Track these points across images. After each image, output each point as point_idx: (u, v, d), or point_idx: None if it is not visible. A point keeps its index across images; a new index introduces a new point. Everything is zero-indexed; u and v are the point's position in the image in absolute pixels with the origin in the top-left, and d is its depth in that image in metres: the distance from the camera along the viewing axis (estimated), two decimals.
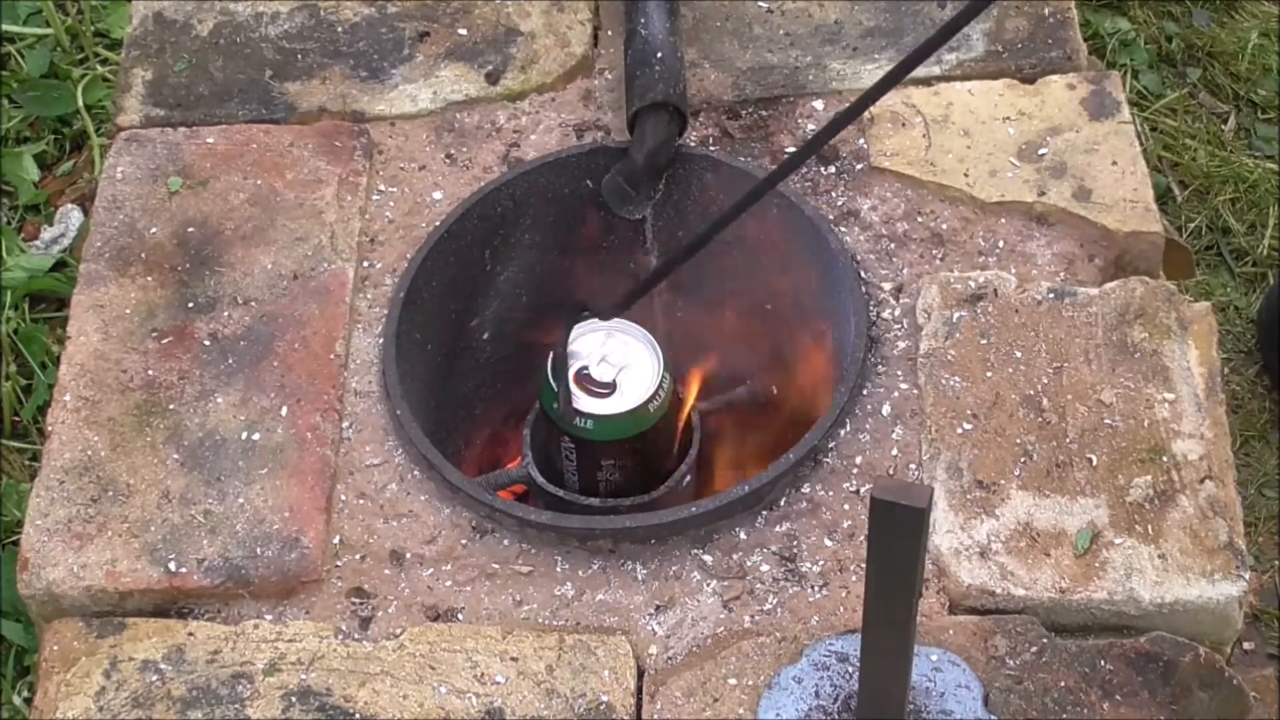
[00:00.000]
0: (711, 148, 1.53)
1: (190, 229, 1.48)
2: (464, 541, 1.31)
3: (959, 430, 1.32)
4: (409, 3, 1.64)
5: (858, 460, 1.33)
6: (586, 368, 1.37)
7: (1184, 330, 1.35)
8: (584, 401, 1.36)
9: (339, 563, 1.30)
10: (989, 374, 1.34)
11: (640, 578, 1.28)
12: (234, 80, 1.59)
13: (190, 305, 1.43)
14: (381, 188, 1.52)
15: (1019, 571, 1.24)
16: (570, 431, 1.36)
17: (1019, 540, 1.26)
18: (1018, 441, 1.31)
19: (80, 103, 2.25)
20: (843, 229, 1.46)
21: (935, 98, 1.53)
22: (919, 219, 1.46)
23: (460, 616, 1.27)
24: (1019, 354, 1.35)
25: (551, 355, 1.37)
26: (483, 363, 1.58)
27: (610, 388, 1.37)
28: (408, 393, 1.38)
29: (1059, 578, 1.23)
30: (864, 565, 1.02)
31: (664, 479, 1.43)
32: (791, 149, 1.52)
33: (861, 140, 1.51)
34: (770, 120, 1.54)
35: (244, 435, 1.35)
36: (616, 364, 1.38)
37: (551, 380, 1.35)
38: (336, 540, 1.31)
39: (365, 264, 1.47)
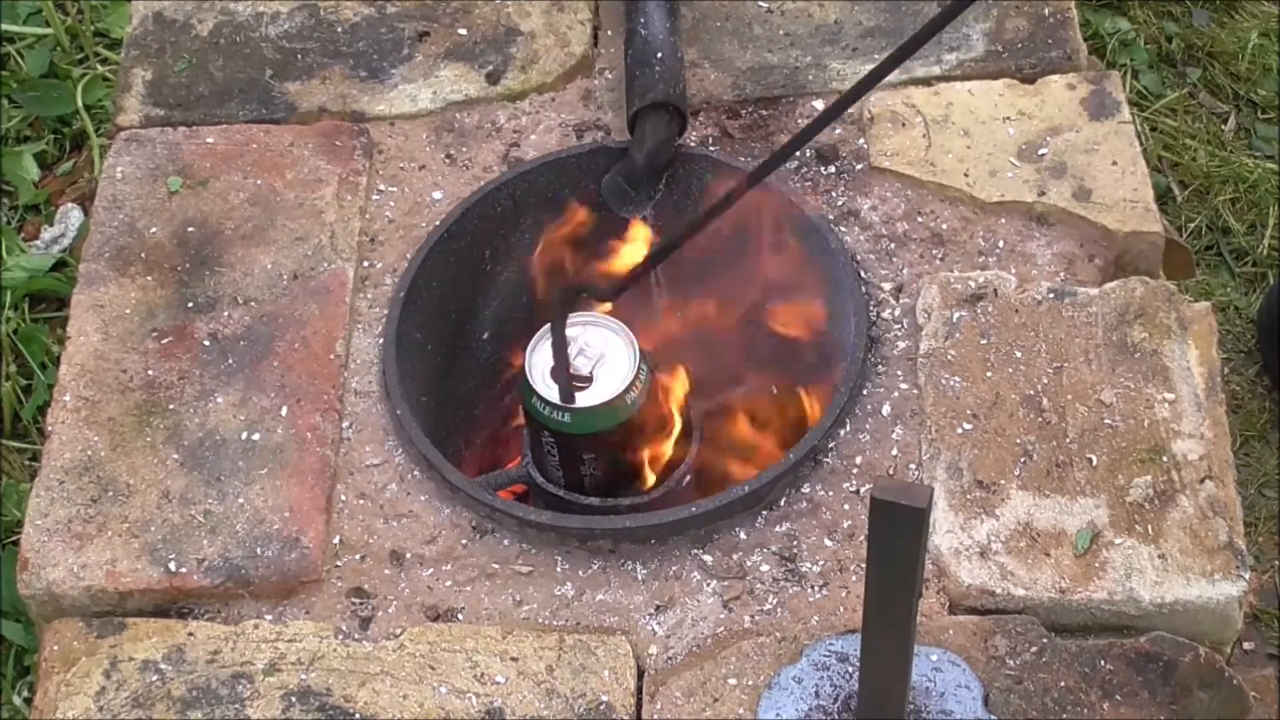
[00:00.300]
0: (711, 148, 1.53)
1: (190, 229, 1.48)
2: (464, 541, 1.31)
3: (959, 430, 1.32)
4: (409, 3, 1.64)
5: (858, 460, 1.33)
6: None
7: (1184, 330, 1.35)
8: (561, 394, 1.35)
9: (339, 563, 1.30)
10: (989, 374, 1.34)
11: (640, 578, 1.28)
12: (234, 80, 1.59)
13: (190, 305, 1.43)
14: (381, 187, 1.52)
15: (1019, 571, 1.24)
16: (549, 425, 1.36)
17: (1019, 540, 1.26)
18: (1018, 441, 1.30)
19: (80, 103, 2.25)
20: (843, 229, 1.46)
21: (935, 98, 1.52)
22: (919, 219, 1.46)
23: (460, 616, 1.27)
24: (1019, 354, 1.35)
25: (528, 353, 1.36)
26: (483, 363, 1.58)
27: (587, 380, 1.36)
28: (408, 393, 1.38)
29: (1059, 578, 1.23)
30: (864, 565, 1.02)
31: (661, 476, 1.43)
32: None
33: (861, 140, 1.51)
34: (770, 120, 1.54)
35: (244, 435, 1.35)
36: (593, 357, 1.37)
37: (533, 378, 1.34)
38: (336, 540, 1.31)
39: (365, 264, 1.47)
